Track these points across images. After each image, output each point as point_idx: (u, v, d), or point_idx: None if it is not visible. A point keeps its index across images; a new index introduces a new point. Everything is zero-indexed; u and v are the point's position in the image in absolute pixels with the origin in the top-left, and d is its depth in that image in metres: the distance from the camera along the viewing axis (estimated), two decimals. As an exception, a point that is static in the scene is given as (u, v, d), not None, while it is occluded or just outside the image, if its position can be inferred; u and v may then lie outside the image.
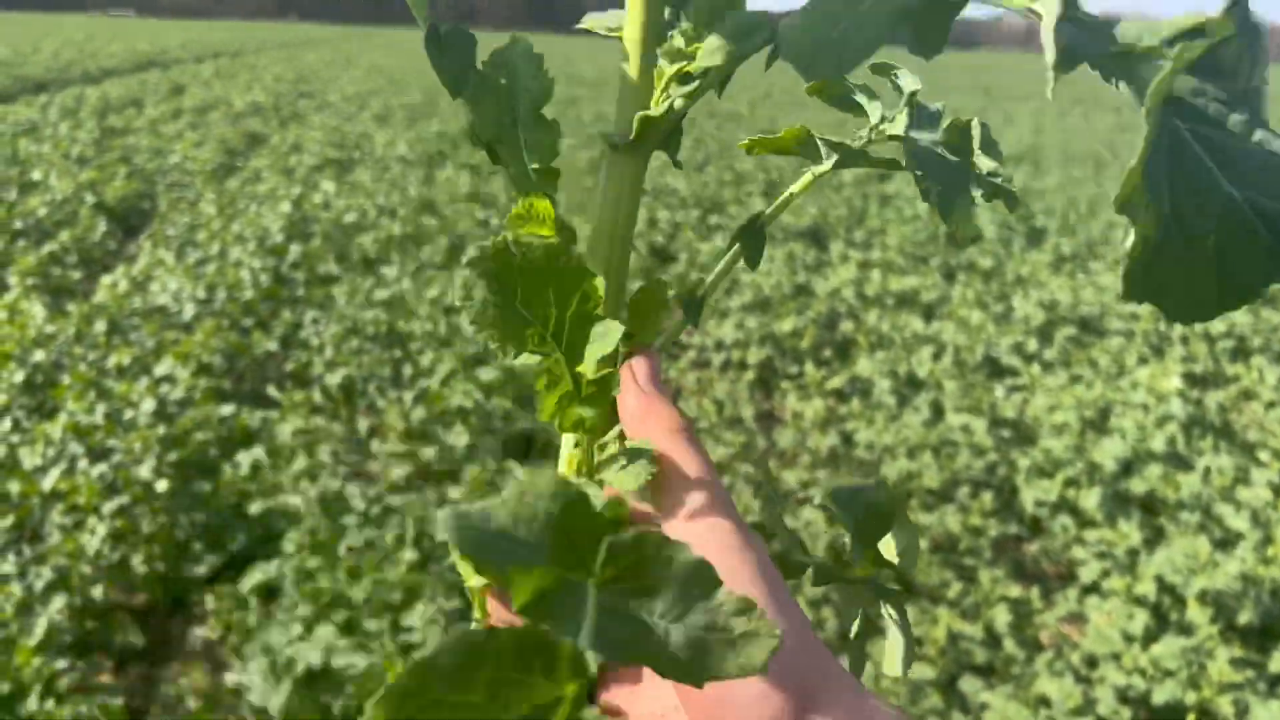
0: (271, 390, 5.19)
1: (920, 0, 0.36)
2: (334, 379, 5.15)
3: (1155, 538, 4.27)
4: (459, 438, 4.52)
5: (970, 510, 4.33)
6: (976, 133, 0.57)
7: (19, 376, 4.85)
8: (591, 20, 0.58)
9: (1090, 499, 4.37)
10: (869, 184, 12.22)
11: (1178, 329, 6.87)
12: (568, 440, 0.58)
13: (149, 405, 4.48)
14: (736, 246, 0.62)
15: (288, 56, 32.51)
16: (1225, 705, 3.19)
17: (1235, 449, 5.09)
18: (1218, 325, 6.89)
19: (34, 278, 6.59)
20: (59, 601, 3.33)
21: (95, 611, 3.50)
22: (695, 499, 0.51)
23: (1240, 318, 7.05)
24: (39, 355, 5.06)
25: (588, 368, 0.51)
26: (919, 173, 0.52)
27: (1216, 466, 4.77)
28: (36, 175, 9.97)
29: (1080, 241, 9.81)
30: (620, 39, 0.54)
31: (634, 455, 0.51)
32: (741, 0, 0.51)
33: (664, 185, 10.67)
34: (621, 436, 0.56)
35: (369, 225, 8.32)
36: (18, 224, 7.91)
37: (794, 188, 0.60)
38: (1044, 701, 3.26)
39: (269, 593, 3.69)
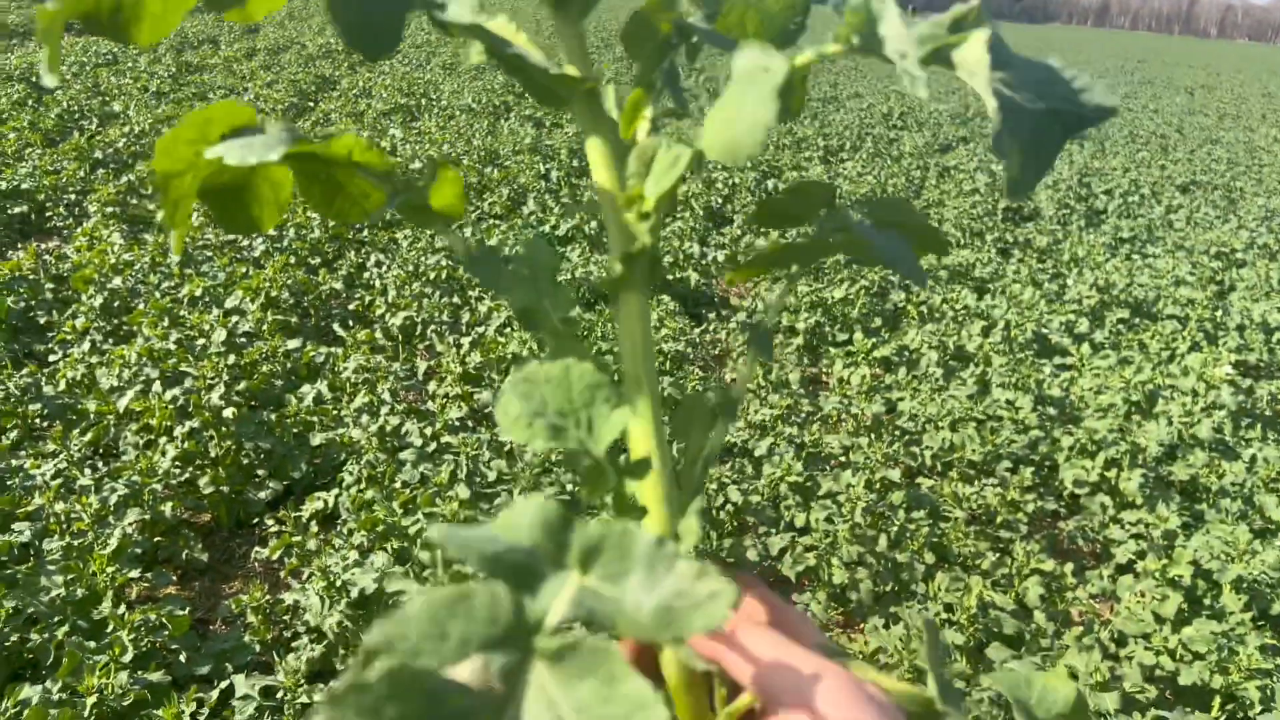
0: (338, 328, 5.35)
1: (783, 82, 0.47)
2: (395, 320, 5.30)
3: (1194, 523, 4.29)
4: (513, 384, 4.65)
5: (1010, 485, 4.38)
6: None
7: (98, 301, 5.06)
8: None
9: (1131, 481, 4.39)
10: (929, 155, 12.11)
11: (1234, 318, 6.80)
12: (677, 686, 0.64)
13: (220, 335, 4.65)
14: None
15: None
16: (1252, 691, 3.23)
17: (1284, 441, 5.07)
18: (1275, 317, 6.81)
19: (112, 206, 6.81)
20: (132, 515, 3.51)
21: (164, 527, 3.69)
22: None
23: (1302, 311, 6.96)
24: (117, 282, 5.26)
25: (603, 443, 0.58)
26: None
27: (1263, 456, 4.77)
28: (116, 107, 10.21)
29: (1140, 224, 9.68)
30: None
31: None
32: (682, 162, 0.60)
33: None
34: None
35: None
36: (98, 154, 8.14)
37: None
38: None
39: (326, 520, 3.86)
